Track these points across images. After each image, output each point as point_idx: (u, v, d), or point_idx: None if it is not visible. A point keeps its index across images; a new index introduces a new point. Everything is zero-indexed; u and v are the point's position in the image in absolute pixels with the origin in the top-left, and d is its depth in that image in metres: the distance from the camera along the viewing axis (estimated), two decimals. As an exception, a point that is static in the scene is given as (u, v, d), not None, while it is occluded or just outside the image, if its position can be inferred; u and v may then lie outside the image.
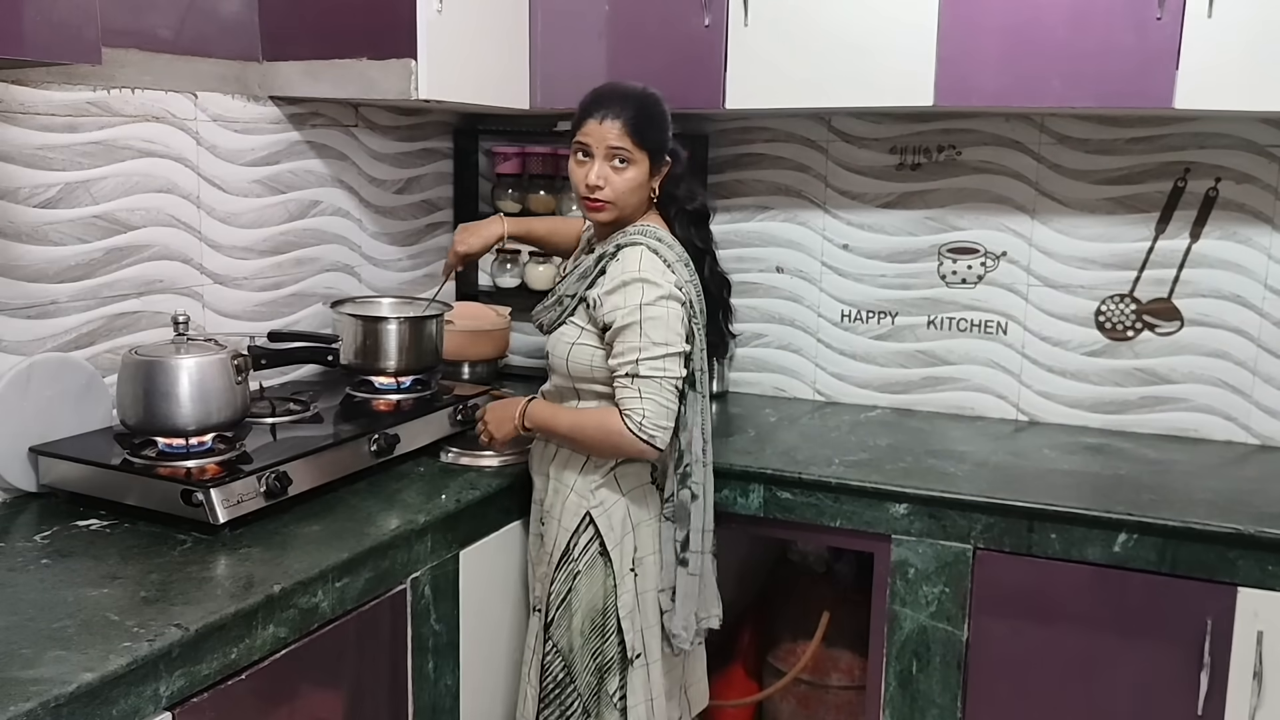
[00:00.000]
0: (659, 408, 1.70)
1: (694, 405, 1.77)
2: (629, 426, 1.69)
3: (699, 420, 1.78)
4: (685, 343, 1.74)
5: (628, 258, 1.74)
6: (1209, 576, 1.84)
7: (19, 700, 1.14)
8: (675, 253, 1.78)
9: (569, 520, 1.82)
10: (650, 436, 1.69)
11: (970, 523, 1.98)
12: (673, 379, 1.71)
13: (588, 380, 1.79)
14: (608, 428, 1.72)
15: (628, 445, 1.71)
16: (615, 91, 1.80)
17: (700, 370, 1.78)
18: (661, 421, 1.70)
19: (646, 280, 1.70)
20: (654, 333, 1.69)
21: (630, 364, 1.70)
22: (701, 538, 1.81)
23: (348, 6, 2.14)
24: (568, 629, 1.81)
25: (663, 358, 1.70)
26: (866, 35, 2.19)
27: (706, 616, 1.85)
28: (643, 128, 1.76)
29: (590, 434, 1.76)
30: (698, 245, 1.85)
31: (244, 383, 1.84)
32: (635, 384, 1.70)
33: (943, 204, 2.54)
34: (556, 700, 1.82)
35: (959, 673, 2.01)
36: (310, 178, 2.37)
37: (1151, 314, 2.41)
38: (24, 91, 1.77)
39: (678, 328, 1.72)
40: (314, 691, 1.58)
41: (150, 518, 1.69)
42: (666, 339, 1.70)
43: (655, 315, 1.69)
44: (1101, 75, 2.04)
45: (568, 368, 1.81)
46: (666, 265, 1.74)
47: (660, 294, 1.70)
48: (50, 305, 1.84)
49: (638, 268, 1.71)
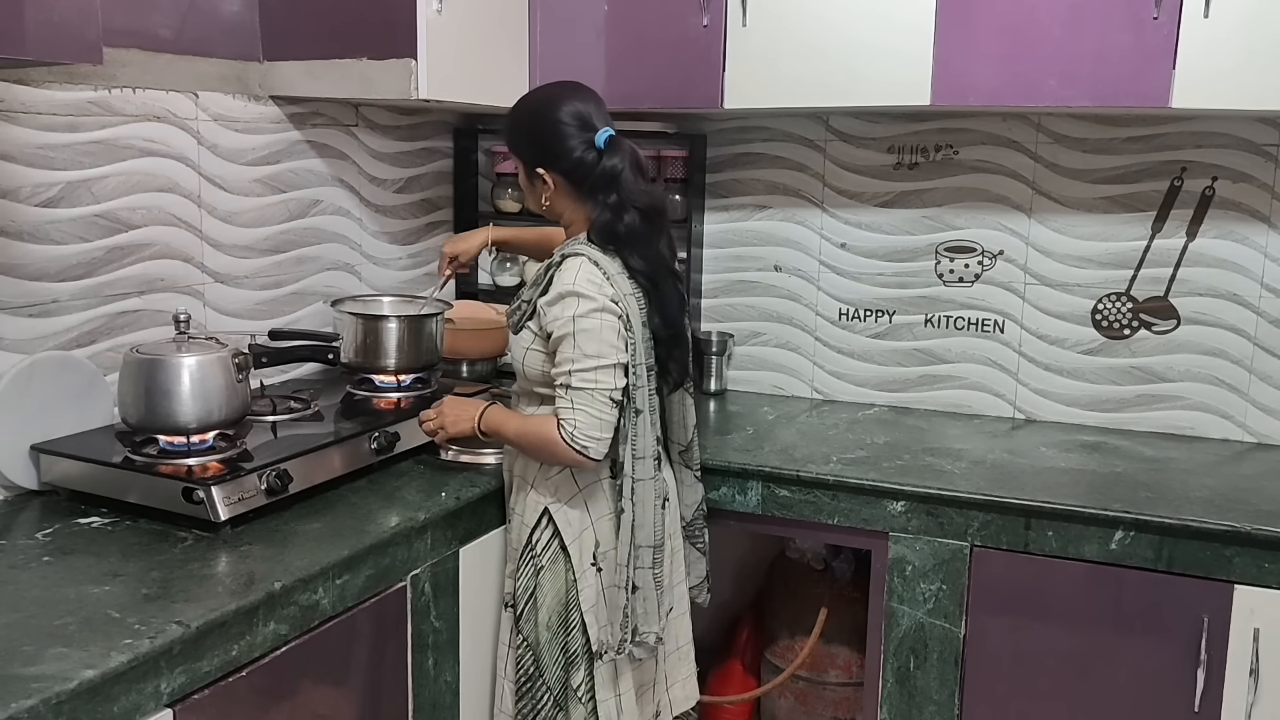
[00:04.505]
0: (590, 418, 1.70)
1: (629, 419, 1.75)
2: (562, 436, 1.71)
3: (631, 435, 1.75)
4: (622, 354, 1.73)
5: (567, 269, 1.74)
6: (1205, 574, 1.85)
7: (21, 697, 1.15)
8: (617, 264, 1.76)
9: (529, 516, 1.83)
10: (583, 447, 1.70)
11: (967, 520, 1.99)
12: (605, 390, 1.71)
13: (541, 384, 1.81)
14: (545, 436, 1.73)
15: (562, 454, 1.72)
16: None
17: (636, 387, 1.75)
18: (593, 432, 1.70)
19: (580, 294, 1.70)
20: (586, 345, 1.70)
21: (565, 375, 1.71)
22: (632, 552, 1.77)
23: (348, 6, 2.14)
24: (535, 623, 1.81)
25: (594, 369, 1.70)
26: (864, 35, 2.20)
27: (647, 632, 1.80)
28: (506, 130, 1.88)
29: (532, 441, 1.77)
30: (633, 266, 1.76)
31: (245, 381, 1.85)
32: (569, 395, 1.71)
33: (940, 203, 2.55)
34: (529, 694, 1.83)
35: (956, 669, 2.02)
36: (311, 177, 2.38)
37: (1148, 312, 2.42)
38: (25, 91, 1.78)
39: (612, 339, 1.71)
40: (315, 688, 1.59)
41: (151, 515, 1.69)
42: (599, 351, 1.70)
43: (587, 328, 1.70)
44: (1098, 74, 2.05)
45: (524, 371, 1.83)
46: (606, 277, 1.73)
47: (593, 307, 1.70)
48: (52, 304, 1.85)
49: (573, 280, 1.71)
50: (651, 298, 1.79)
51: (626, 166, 1.75)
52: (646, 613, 1.79)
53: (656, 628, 1.81)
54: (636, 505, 1.77)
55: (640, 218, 1.76)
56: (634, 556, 1.77)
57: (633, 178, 1.76)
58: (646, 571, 1.78)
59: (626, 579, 1.77)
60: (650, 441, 1.78)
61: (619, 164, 1.75)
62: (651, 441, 1.78)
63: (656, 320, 1.80)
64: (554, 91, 1.83)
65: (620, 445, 1.76)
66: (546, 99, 1.82)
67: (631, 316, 1.74)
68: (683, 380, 1.91)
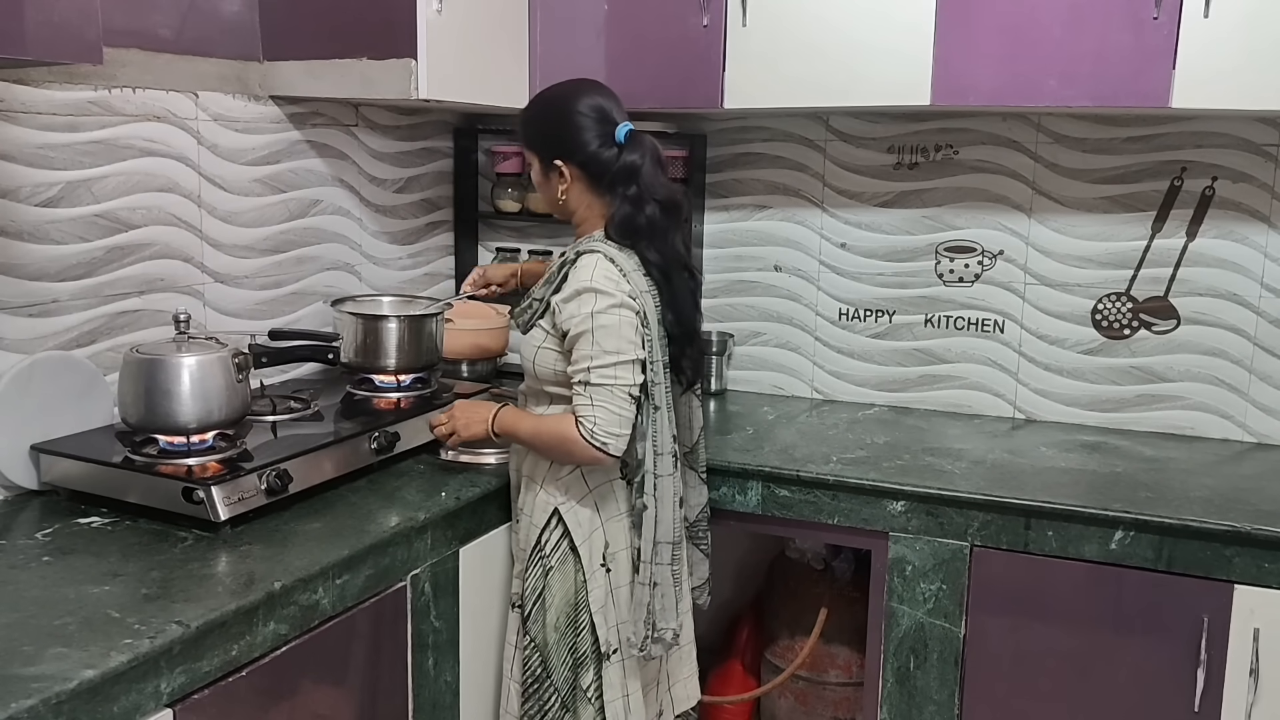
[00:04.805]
0: (611, 415, 1.70)
1: (648, 415, 1.75)
2: (582, 434, 1.70)
3: (651, 431, 1.76)
4: (640, 351, 1.73)
5: (584, 266, 1.74)
6: (1205, 574, 1.85)
7: (20, 697, 1.15)
8: (633, 261, 1.77)
9: (538, 516, 1.83)
10: (603, 444, 1.70)
11: (967, 520, 1.99)
12: (625, 386, 1.71)
13: (553, 383, 1.80)
14: (563, 435, 1.73)
15: (581, 452, 1.72)
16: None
17: (654, 383, 1.75)
18: (614, 429, 1.70)
19: (598, 290, 1.70)
20: (605, 341, 1.70)
21: (583, 371, 1.71)
22: (654, 549, 1.78)
23: (348, 6, 2.14)
24: (543, 624, 1.81)
25: (614, 365, 1.70)
26: (864, 35, 2.20)
27: (665, 628, 1.81)
28: (523, 124, 1.87)
29: (547, 440, 1.77)
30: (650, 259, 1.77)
31: (245, 381, 1.85)
32: (588, 391, 1.71)
33: (940, 203, 2.55)
34: (535, 695, 1.83)
35: (956, 669, 2.02)
36: (311, 177, 2.38)
37: (1148, 312, 2.42)
38: (25, 91, 1.78)
39: (630, 335, 1.71)
40: (314, 688, 1.59)
41: (151, 515, 1.69)
42: (618, 347, 1.70)
43: (606, 324, 1.70)
44: (1098, 74, 2.05)
45: (535, 370, 1.82)
46: (622, 274, 1.73)
47: (611, 303, 1.70)
48: (52, 304, 1.85)
49: (590, 276, 1.72)
50: (664, 293, 1.79)
51: (647, 160, 1.76)
52: (665, 609, 1.80)
53: (674, 624, 1.82)
54: (658, 501, 1.77)
55: (660, 210, 1.77)
56: (655, 553, 1.77)
57: (653, 171, 1.76)
58: (666, 568, 1.79)
59: (649, 576, 1.77)
60: (668, 438, 1.79)
61: (639, 159, 1.76)
62: (669, 438, 1.79)
63: (670, 317, 1.80)
64: (573, 86, 1.85)
65: (639, 442, 1.76)
66: (565, 93, 1.83)
67: (648, 313, 1.75)
68: (696, 379, 1.91)
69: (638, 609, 1.79)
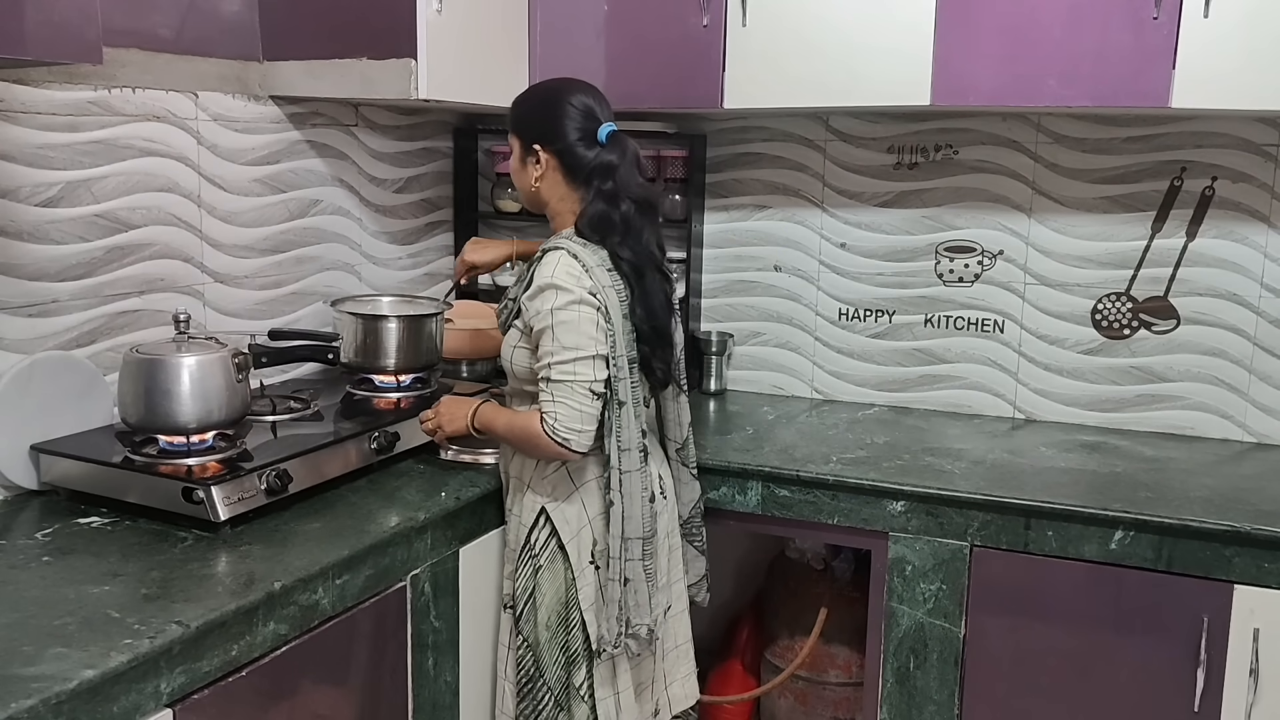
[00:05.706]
0: (570, 411, 1.70)
1: (612, 411, 1.74)
2: (545, 430, 1.71)
3: (616, 427, 1.75)
4: (602, 346, 1.73)
5: (547, 263, 1.75)
6: (1205, 574, 1.85)
7: (20, 697, 1.15)
8: (599, 257, 1.76)
9: (527, 516, 1.83)
10: (564, 440, 1.70)
11: (967, 520, 1.99)
12: (585, 382, 1.71)
13: (529, 382, 1.80)
14: (529, 430, 1.73)
15: (545, 447, 1.73)
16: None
17: (618, 379, 1.74)
18: (574, 425, 1.70)
19: (559, 286, 1.71)
20: (565, 337, 1.70)
21: (545, 368, 1.72)
22: (623, 545, 1.76)
23: (348, 6, 2.14)
24: (535, 624, 1.82)
25: (573, 361, 1.70)
26: (864, 35, 2.20)
27: (639, 624, 1.79)
28: (513, 105, 1.88)
29: (519, 436, 1.78)
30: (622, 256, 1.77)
31: (244, 381, 1.85)
32: (550, 388, 1.71)
33: (940, 203, 2.55)
34: (529, 694, 1.83)
35: (956, 669, 2.02)
36: (310, 177, 2.38)
37: (1148, 312, 2.42)
38: (25, 91, 1.78)
39: (591, 331, 1.71)
40: (314, 688, 1.59)
41: (151, 515, 1.69)
42: (578, 343, 1.70)
43: (566, 320, 1.70)
44: (1098, 74, 2.05)
45: (513, 369, 1.83)
46: (585, 269, 1.73)
47: (571, 299, 1.70)
48: (51, 304, 1.85)
49: (551, 273, 1.72)
50: (635, 290, 1.79)
51: (625, 162, 1.77)
52: (638, 605, 1.78)
53: (649, 620, 1.80)
54: (625, 497, 1.76)
55: (635, 209, 1.78)
56: (624, 549, 1.77)
57: (629, 170, 1.78)
58: (637, 564, 1.78)
59: (619, 572, 1.77)
60: (635, 434, 1.77)
61: (617, 158, 1.77)
62: (637, 434, 1.77)
63: (639, 313, 1.79)
64: (568, 82, 1.87)
65: (605, 438, 1.76)
66: (559, 86, 1.86)
67: (611, 308, 1.73)
68: (667, 380, 1.89)
69: (609, 606, 1.78)
